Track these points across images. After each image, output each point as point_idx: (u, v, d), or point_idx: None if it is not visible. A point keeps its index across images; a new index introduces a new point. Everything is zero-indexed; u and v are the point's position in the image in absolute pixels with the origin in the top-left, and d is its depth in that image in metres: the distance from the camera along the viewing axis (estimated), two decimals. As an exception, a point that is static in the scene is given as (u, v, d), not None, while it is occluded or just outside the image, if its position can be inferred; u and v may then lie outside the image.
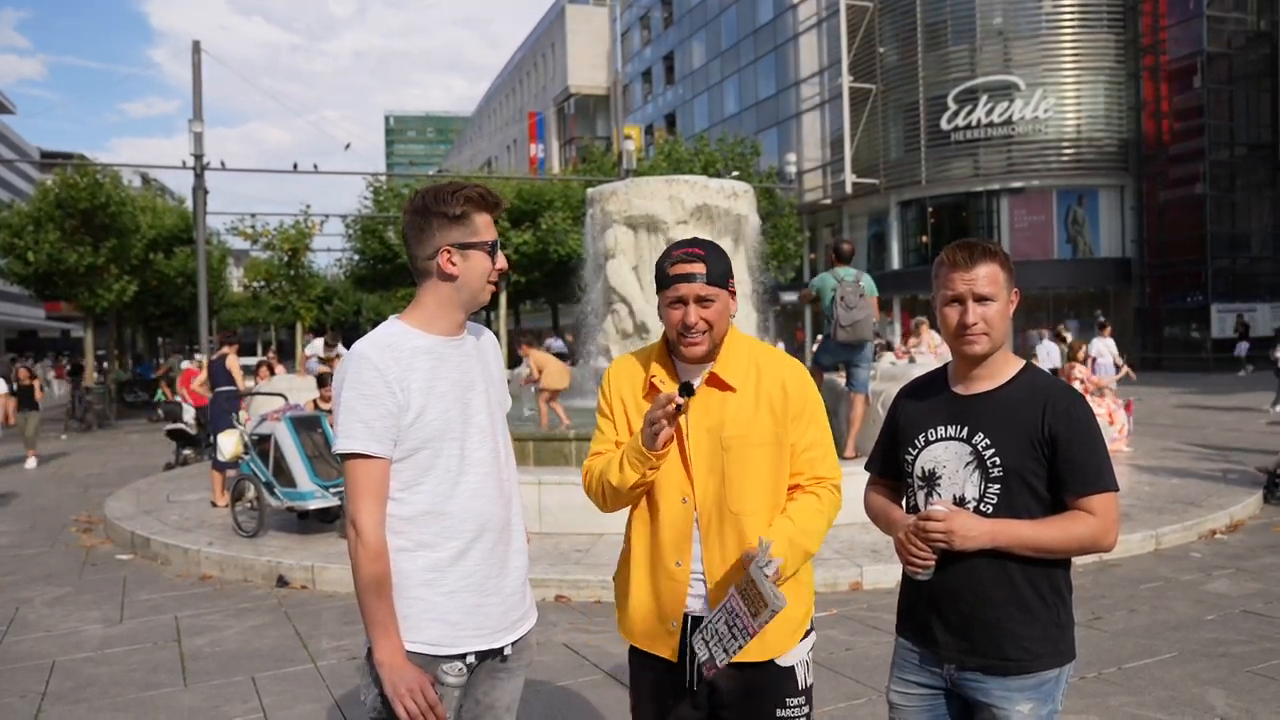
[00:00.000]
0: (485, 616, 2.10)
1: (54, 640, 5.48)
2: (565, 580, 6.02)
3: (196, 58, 20.51)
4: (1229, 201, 30.31)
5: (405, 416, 2.01)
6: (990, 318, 2.07)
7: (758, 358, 2.19)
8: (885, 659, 2.33)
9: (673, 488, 2.15)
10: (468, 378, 2.14)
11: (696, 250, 2.13)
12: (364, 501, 2.00)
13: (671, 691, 2.19)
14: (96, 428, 20.96)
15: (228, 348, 10.36)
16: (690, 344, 2.12)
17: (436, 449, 2.05)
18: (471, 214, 2.08)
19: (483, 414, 2.15)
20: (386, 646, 1.97)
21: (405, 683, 1.95)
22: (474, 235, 2.08)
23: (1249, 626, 5.09)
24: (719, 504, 2.12)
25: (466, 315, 2.16)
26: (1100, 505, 2.02)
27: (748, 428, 2.12)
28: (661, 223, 10.25)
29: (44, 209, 21.91)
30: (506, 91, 68.39)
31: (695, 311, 2.10)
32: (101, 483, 11.89)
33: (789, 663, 2.16)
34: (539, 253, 27.81)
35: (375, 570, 1.98)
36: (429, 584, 2.05)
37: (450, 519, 2.07)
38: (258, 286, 30.70)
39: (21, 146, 65.61)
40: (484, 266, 2.10)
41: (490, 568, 2.12)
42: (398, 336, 2.07)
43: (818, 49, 36.73)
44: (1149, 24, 30.97)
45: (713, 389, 2.16)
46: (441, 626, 2.05)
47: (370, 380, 2.00)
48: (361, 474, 2.00)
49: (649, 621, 2.19)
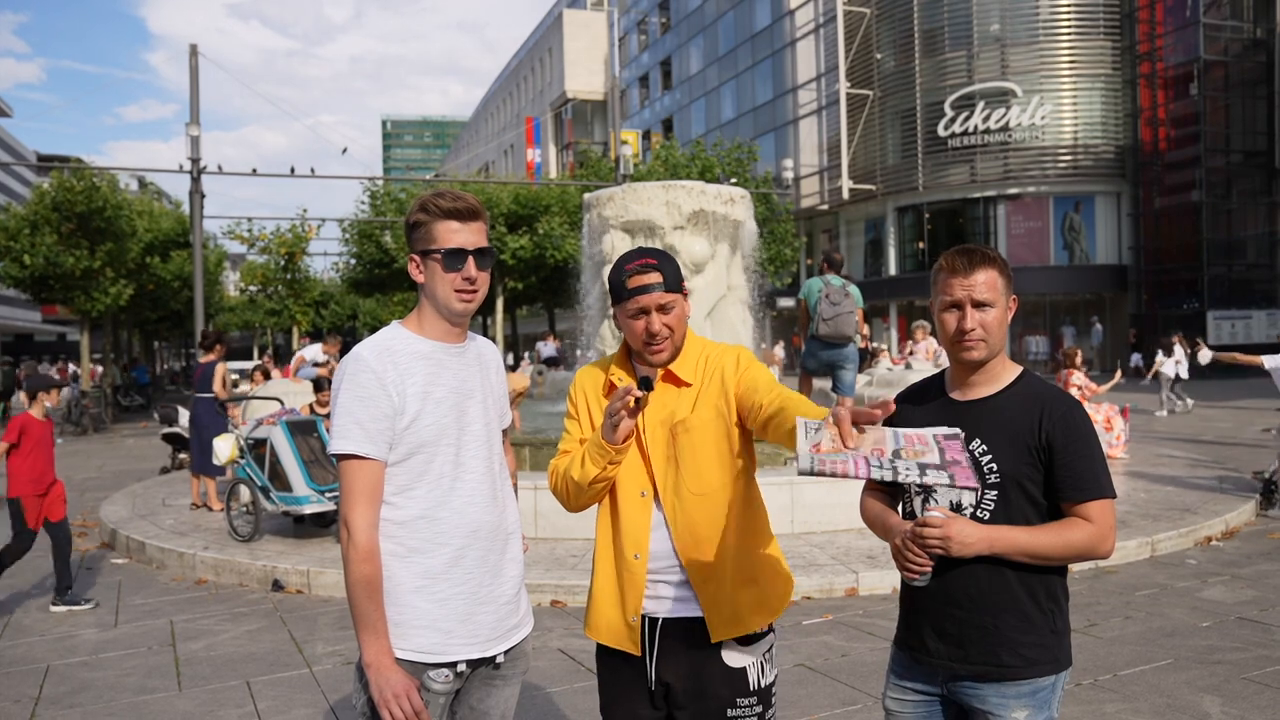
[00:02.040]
0: (478, 625, 2.10)
1: (48, 644, 5.46)
2: (561, 585, 6.01)
3: (194, 61, 20.52)
4: (1225, 208, 30.37)
5: (401, 420, 2.02)
6: (988, 324, 2.08)
7: (708, 353, 2.30)
8: (881, 665, 2.33)
9: (632, 482, 2.24)
10: (466, 385, 2.15)
11: (650, 260, 2.22)
12: (357, 502, 2.01)
13: (635, 690, 2.25)
14: (92, 431, 20.93)
15: (214, 353, 9.81)
16: (655, 350, 2.22)
17: (431, 454, 2.06)
18: (428, 222, 2.09)
19: (479, 422, 2.16)
20: (375, 649, 1.97)
21: (391, 687, 1.95)
22: (432, 243, 2.08)
23: (1244, 633, 5.09)
24: (678, 489, 2.20)
25: (453, 323, 2.15)
26: (1097, 512, 2.02)
27: (693, 410, 2.22)
28: (658, 228, 10.25)
29: (40, 212, 21.87)
30: (504, 96, 68.45)
31: (658, 319, 2.20)
32: (97, 486, 11.86)
33: (739, 664, 2.21)
34: (535, 257, 27.81)
35: (366, 571, 1.98)
36: (421, 590, 2.04)
37: (443, 525, 2.07)
38: (254, 290, 30.74)
39: (18, 150, 65.55)
40: (440, 275, 2.08)
41: (483, 576, 2.12)
42: (397, 340, 2.09)
43: (815, 55, 36.80)
44: (1146, 31, 31.06)
45: (669, 385, 2.26)
46: (433, 634, 2.05)
47: (366, 382, 2.01)
48: (355, 475, 2.01)
49: (613, 617, 2.26)
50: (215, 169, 21.79)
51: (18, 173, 65.45)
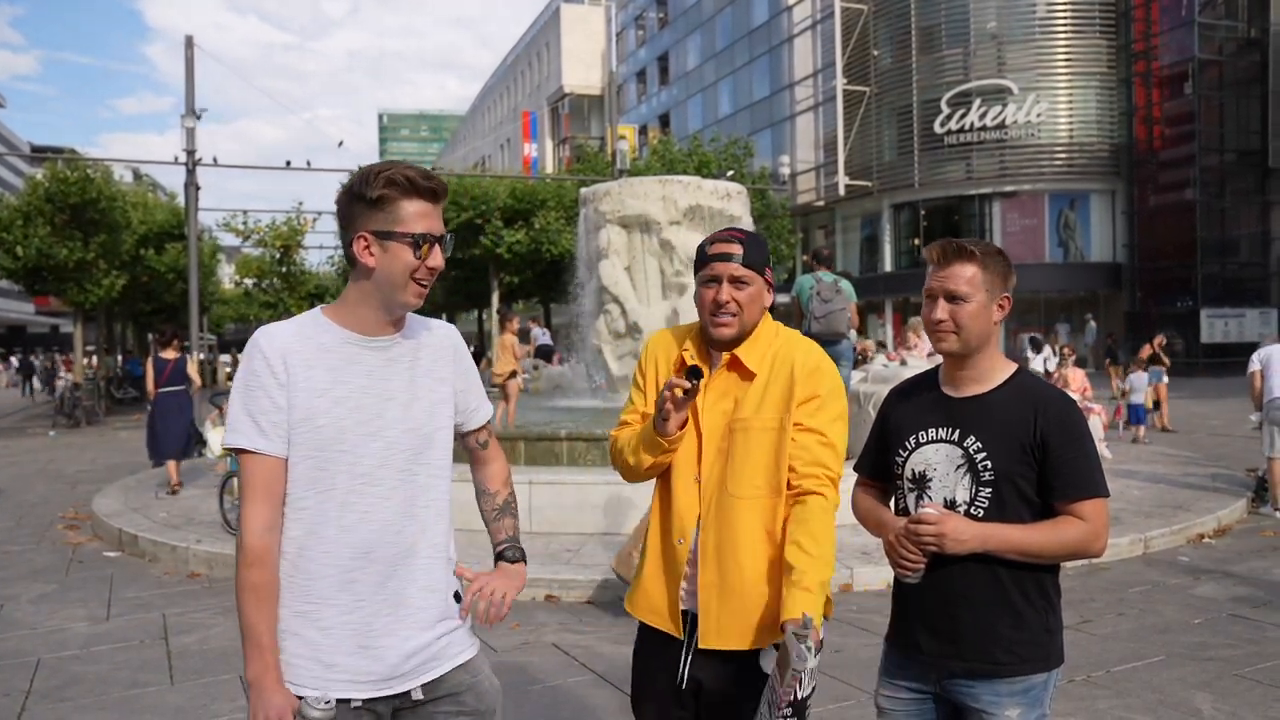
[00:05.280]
0: (371, 661, 1.84)
1: (39, 638, 5.44)
2: (555, 580, 6.00)
3: (190, 54, 20.41)
4: (1219, 207, 30.43)
5: (293, 414, 1.80)
6: (960, 316, 2.07)
7: (777, 344, 2.19)
8: (875, 661, 2.32)
9: (688, 466, 2.17)
10: (383, 386, 1.88)
11: (737, 233, 2.18)
12: (250, 501, 1.81)
13: (665, 688, 2.18)
14: (85, 424, 20.86)
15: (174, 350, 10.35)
16: (719, 324, 2.13)
17: (323, 461, 1.82)
18: (395, 199, 1.82)
19: (397, 428, 1.87)
20: (257, 666, 1.77)
21: (266, 710, 1.75)
22: (396, 224, 1.81)
23: (1236, 630, 5.11)
24: (720, 486, 2.13)
25: (391, 315, 1.89)
26: (1091, 511, 2.02)
27: (754, 411, 2.12)
28: (654, 223, 10.24)
29: (34, 203, 21.75)
30: (501, 90, 68.27)
31: (728, 290, 2.11)
32: (89, 479, 11.82)
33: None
34: (532, 252, 27.72)
35: (251, 578, 1.78)
36: (304, 616, 1.82)
37: (330, 544, 1.82)
38: (249, 283, 30.62)
39: (12, 140, 65.30)
40: (406, 261, 1.82)
41: (380, 605, 1.84)
42: (306, 327, 1.87)
43: (812, 51, 36.78)
44: (1141, 30, 31.10)
45: (733, 373, 2.16)
46: (313, 666, 1.81)
47: (258, 370, 1.81)
48: (249, 471, 1.81)
49: (656, 595, 2.21)
50: (211, 161, 21.69)
51: (11, 163, 65.18)
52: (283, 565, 1.82)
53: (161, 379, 10.17)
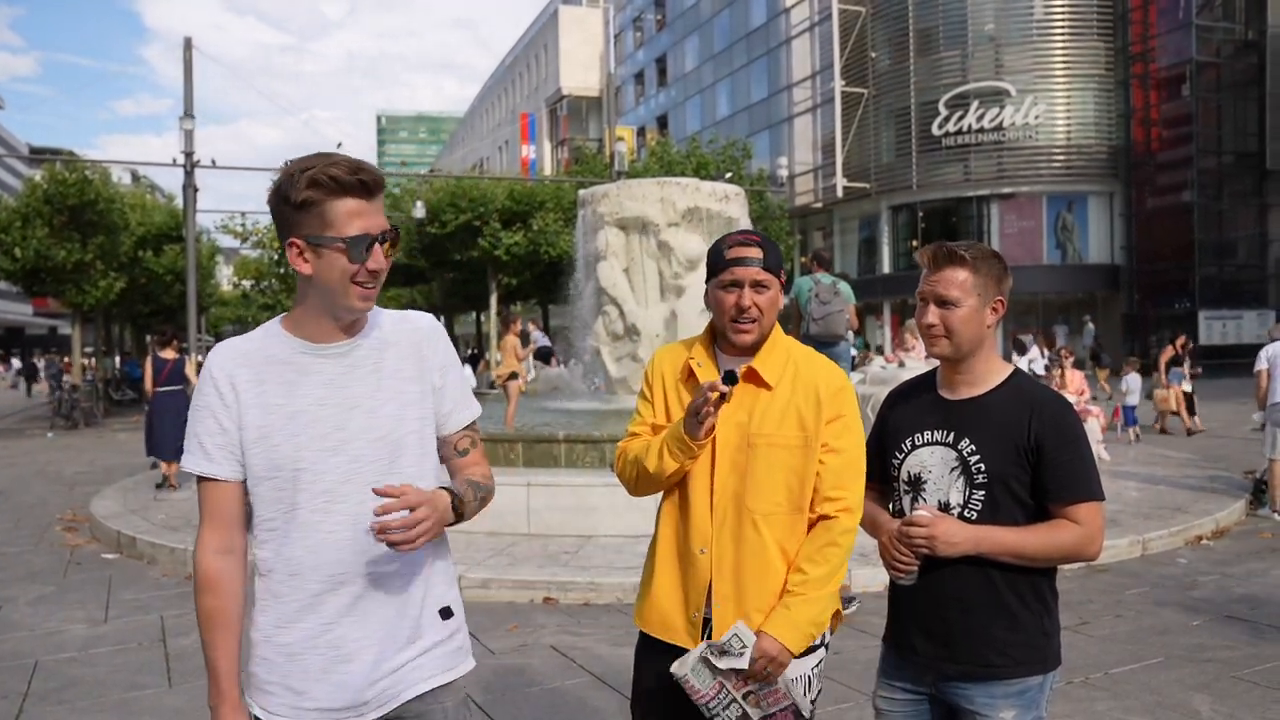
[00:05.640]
0: (339, 687, 1.76)
1: (37, 640, 5.43)
2: (553, 582, 6.00)
3: (188, 55, 20.41)
4: (1216, 209, 30.47)
5: (245, 434, 1.73)
6: (950, 321, 2.07)
7: (797, 359, 2.17)
8: (872, 663, 2.32)
9: (703, 476, 2.13)
10: (344, 395, 1.76)
11: (754, 237, 2.16)
12: (201, 524, 1.78)
13: (670, 682, 2.13)
14: (83, 425, 20.83)
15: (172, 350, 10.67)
16: (740, 330, 2.12)
17: (281, 482, 1.73)
18: (322, 201, 1.66)
19: (361, 440, 1.75)
20: (212, 693, 1.76)
21: None
22: (327, 228, 1.67)
23: (1234, 632, 5.11)
24: (737, 500, 2.10)
25: (340, 322, 1.77)
26: (1085, 514, 2.02)
27: (775, 428, 2.09)
28: (653, 224, 10.25)
29: (32, 204, 21.74)
30: (499, 92, 68.27)
31: (750, 295, 2.09)
32: (87, 481, 11.81)
33: (791, 675, 2.08)
34: (530, 254, 27.74)
35: (204, 603, 1.75)
36: (271, 640, 1.78)
37: (296, 566, 1.75)
38: (247, 285, 30.64)
39: (10, 142, 65.27)
40: (342, 267, 1.68)
41: (350, 628, 1.76)
42: (257, 342, 1.79)
43: (810, 53, 36.80)
44: (1139, 32, 31.13)
45: (749, 384, 2.13)
46: (285, 694, 1.77)
47: (205, 391, 1.75)
48: (200, 494, 1.78)
49: (670, 611, 2.16)
50: (209, 163, 21.67)
51: (10, 165, 65.14)
52: (257, 586, 1.79)
53: (160, 379, 10.33)
